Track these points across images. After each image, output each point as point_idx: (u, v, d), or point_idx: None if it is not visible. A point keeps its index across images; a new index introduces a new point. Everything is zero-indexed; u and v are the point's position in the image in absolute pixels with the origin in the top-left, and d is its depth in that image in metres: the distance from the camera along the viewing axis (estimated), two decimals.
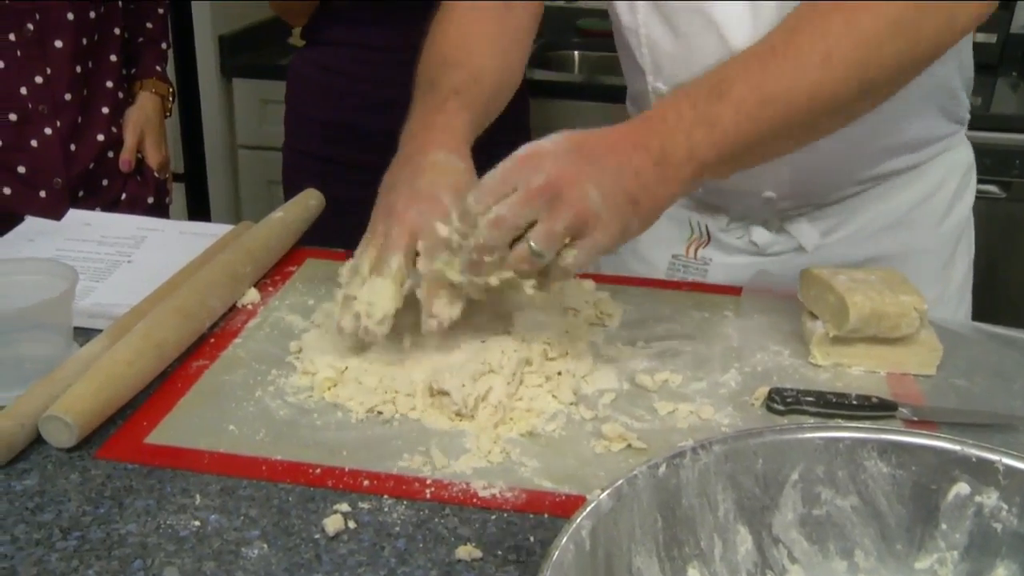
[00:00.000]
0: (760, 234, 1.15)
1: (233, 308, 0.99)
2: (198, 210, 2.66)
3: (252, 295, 1.01)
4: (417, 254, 0.85)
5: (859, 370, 0.92)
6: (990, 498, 0.59)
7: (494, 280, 0.80)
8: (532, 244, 0.76)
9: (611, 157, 0.77)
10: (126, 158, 1.59)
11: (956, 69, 1.09)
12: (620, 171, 0.77)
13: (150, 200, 1.64)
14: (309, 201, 1.20)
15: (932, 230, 1.16)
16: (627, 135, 0.80)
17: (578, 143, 0.78)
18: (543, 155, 0.77)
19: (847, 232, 1.15)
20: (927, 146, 1.13)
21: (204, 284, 0.95)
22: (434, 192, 0.87)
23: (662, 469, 0.55)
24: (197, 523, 0.68)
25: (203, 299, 0.93)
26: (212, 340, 0.93)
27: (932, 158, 1.14)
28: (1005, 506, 0.58)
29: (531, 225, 0.76)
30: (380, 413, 0.82)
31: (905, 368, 0.92)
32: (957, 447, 0.60)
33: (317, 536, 0.67)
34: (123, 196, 1.60)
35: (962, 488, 0.59)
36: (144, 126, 1.63)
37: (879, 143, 1.07)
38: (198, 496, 0.71)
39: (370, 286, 0.85)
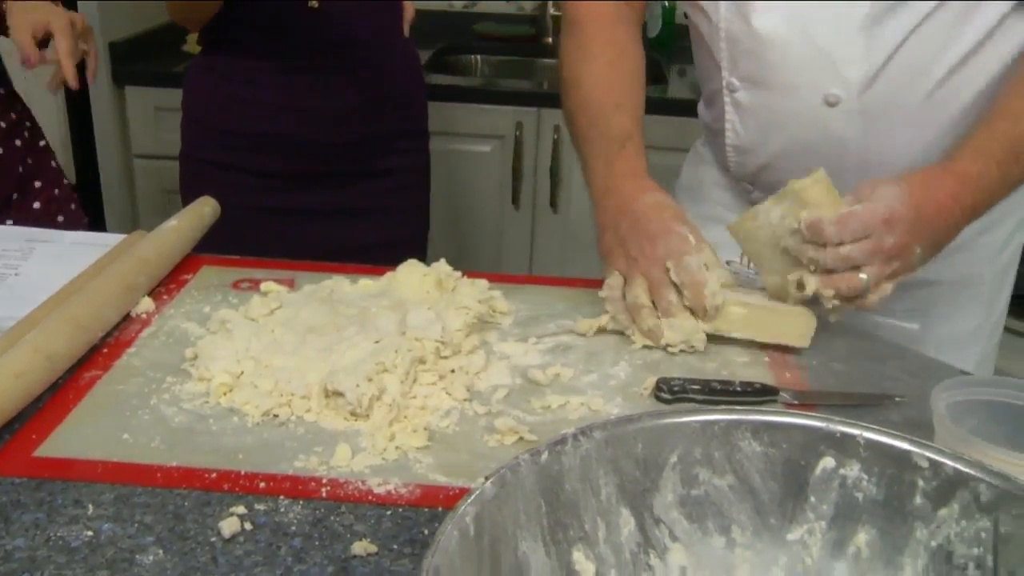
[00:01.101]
0: None
1: (127, 318, 0.98)
2: (93, 221, 2.59)
3: (146, 304, 1.01)
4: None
5: (744, 358, 0.96)
6: (852, 470, 0.62)
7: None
8: (863, 277, 0.91)
9: (939, 219, 0.93)
10: (26, 54, 1.34)
11: None
12: (943, 231, 0.94)
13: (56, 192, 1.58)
14: (204, 209, 1.20)
15: (992, 258, 1.18)
16: (951, 193, 0.93)
17: (919, 210, 0.91)
18: (899, 222, 0.90)
19: None
20: None
21: (96, 294, 0.94)
22: (670, 227, 0.97)
23: (544, 456, 0.57)
24: (90, 533, 0.68)
25: (95, 309, 0.93)
26: (105, 351, 0.92)
27: None
28: (866, 476, 0.62)
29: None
30: (276, 416, 0.82)
31: (782, 339, 0.97)
32: (822, 424, 0.63)
33: (213, 539, 0.68)
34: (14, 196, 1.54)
35: (828, 462, 0.63)
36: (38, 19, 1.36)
37: (942, 138, 1.07)
38: (90, 506, 0.70)
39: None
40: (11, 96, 1.57)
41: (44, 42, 1.36)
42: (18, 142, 1.56)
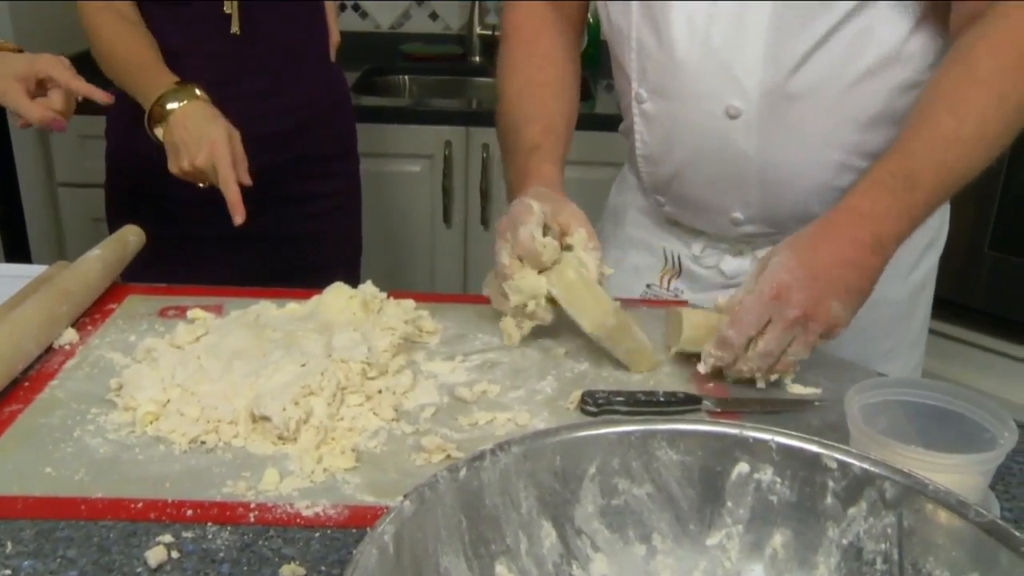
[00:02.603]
0: (729, 263, 1.20)
1: (50, 350, 0.97)
2: (16, 251, 2.54)
3: (70, 335, 1.00)
4: None
5: (668, 368, 0.98)
6: (766, 474, 0.64)
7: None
8: (792, 358, 0.93)
9: (841, 270, 0.91)
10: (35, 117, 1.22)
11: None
12: (852, 277, 0.92)
13: None
14: (128, 237, 1.19)
15: (900, 280, 1.19)
16: (844, 235, 0.93)
17: (811, 267, 0.91)
18: (789, 290, 0.90)
19: None
20: None
21: (16, 326, 0.93)
22: (523, 201, 0.99)
23: (463, 472, 0.58)
24: (8, 572, 0.67)
25: (16, 342, 0.91)
26: (26, 384, 0.91)
27: None
28: (779, 480, 0.64)
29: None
30: (203, 443, 0.82)
31: (581, 319, 0.97)
32: (736, 431, 0.65)
33: (139, 570, 0.68)
34: None
35: (743, 467, 0.65)
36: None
37: (842, 155, 1.09)
38: (9, 544, 0.69)
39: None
40: None
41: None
42: None
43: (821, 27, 1.00)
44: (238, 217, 1.29)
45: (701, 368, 0.95)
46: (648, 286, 1.26)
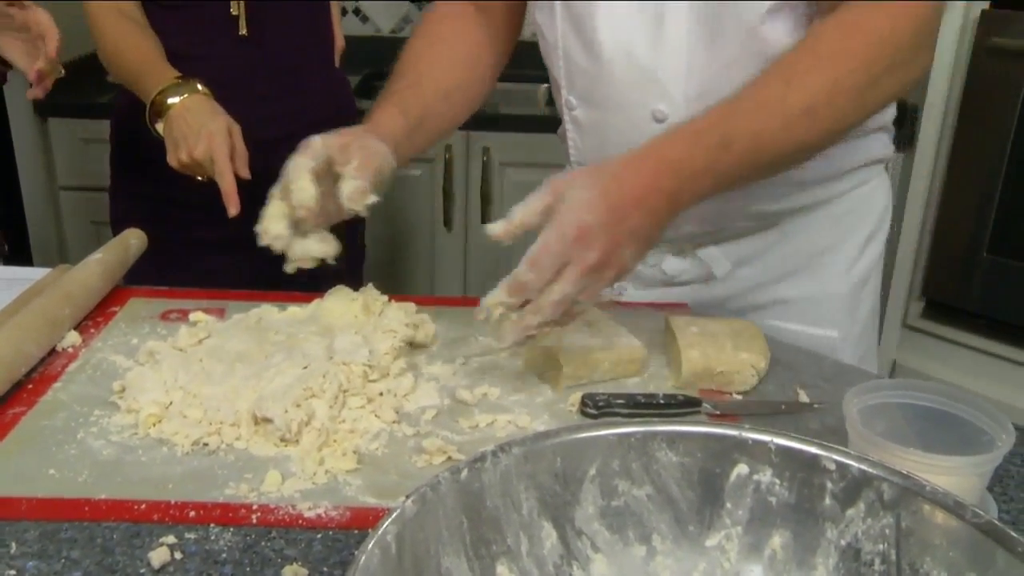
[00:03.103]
0: (671, 263, 1.19)
1: (52, 352, 0.98)
2: (18, 255, 2.55)
3: (72, 338, 1.00)
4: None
5: (667, 371, 0.99)
6: (765, 475, 0.65)
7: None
8: (578, 308, 0.89)
9: (637, 214, 0.87)
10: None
11: None
12: (646, 224, 0.88)
13: None
14: (130, 240, 1.20)
15: (841, 276, 1.19)
16: (649, 179, 0.89)
17: (614, 207, 0.86)
18: (591, 231, 0.85)
19: (757, 269, 1.18)
20: (835, 181, 1.15)
21: (19, 330, 0.94)
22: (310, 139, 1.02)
23: (464, 473, 0.59)
24: (12, 572, 0.67)
25: (18, 345, 0.92)
26: (30, 386, 0.91)
27: (843, 194, 1.16)
28: (778, 481, 0.65)
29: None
30: (206, 445, 0.83)
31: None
32: (735, 432, 0.66)
33: (143, 570, 0.68)
34: None
35: (742, 469, 0.65)
36: None
37: (781, 179, 1.06)
38: (14, 544, 0.70)
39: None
40: None
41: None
42: None
43: (737, 35, 1.00)
44: (232, 208, 1.28)
45: (501, 342, 0.88)
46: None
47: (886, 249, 1.25)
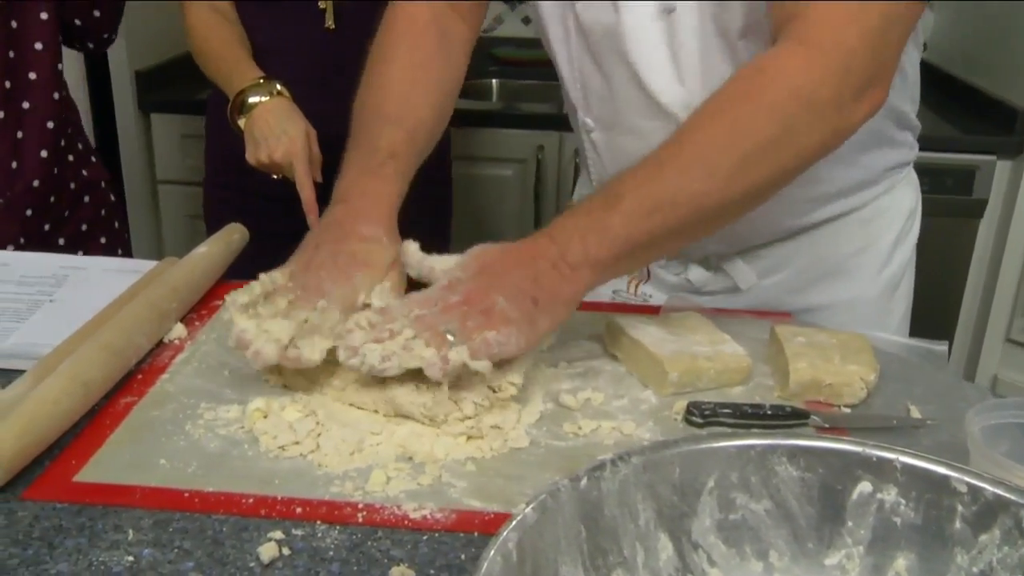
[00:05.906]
0: (696, 273, 1.18)
1: (160, 344, 1.00)
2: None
3: (179, 330, 1.02)
4: None
5: (771, 382, 0.96)
6: (890, 494, 0.62)
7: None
8: (453, 341, 0.82)
9: (514, 271, 0.87)
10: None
11: (886, 116, 1.07)
12: (522, 279, 0.86)
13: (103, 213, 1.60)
14: (232, 235, 1.21)
15: (872, 279, 1.17)
16: (529, 248, 0.88)
17: (487, 265, 0.88)
18: (460, 281, 0.87)
19: (784, 276, 1.17)
20: (859, 191, 1.14)
21: (129, 321, 0.95)
22: (350, 270, 0.94)
23: (583, 482, 0.57)
24: (131, 558, 0.68)
25: (129, 336, 0.94)
26: (140, 376, 0.93)
27: (868, 202, 1.15)
28: (903, 501, 0.62)
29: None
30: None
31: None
32: (859, 448, 0.63)
33: (252, 564, 0.68)
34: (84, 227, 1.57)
35: (865, 487, 0.63)
36: None
37: (804, 194, 1.08)
38: (131, 531, 0.71)
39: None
40: (64, 102, 1.56)
41: None
42: (71, 157, 1.57)
43: (732, 63, 0.99)
44: (312, 216, 1.33)
45: (434, 374, 0.82)
46: (615, 292, 1.24)
47: (989, 265, 1.22)
